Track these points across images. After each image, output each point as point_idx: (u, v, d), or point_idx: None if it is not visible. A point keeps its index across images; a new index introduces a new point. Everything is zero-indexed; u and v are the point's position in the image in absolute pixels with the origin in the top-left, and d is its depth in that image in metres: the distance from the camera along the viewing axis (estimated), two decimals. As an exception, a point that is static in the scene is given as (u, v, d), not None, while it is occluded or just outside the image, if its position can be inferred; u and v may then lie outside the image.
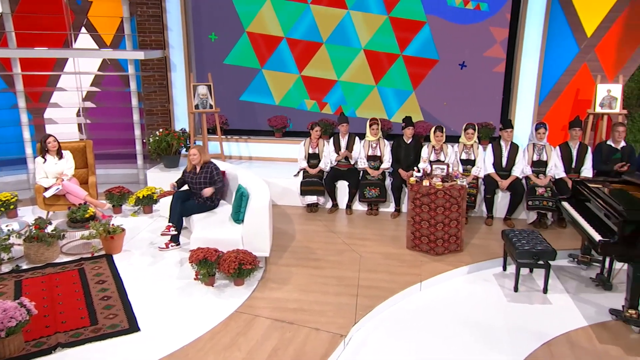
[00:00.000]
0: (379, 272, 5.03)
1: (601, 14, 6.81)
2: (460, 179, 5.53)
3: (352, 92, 6.72)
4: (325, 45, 6.51)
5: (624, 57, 6.88)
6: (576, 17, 6.86)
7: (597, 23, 6.84)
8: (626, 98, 6.87)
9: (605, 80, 6.81)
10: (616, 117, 6.72)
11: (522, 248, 4.73)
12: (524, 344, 3.95)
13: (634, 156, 6.25)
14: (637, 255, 4.03)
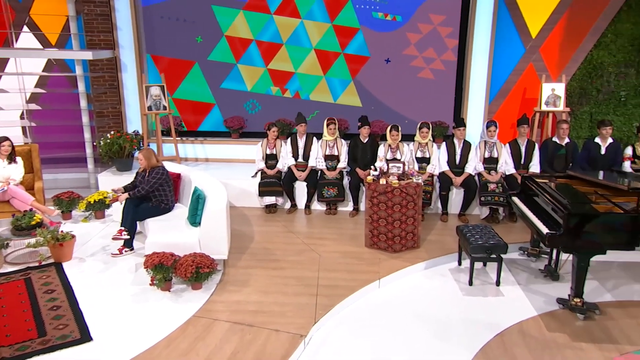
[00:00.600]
0: (338, 271, 5.05)
1: (544, 16, 7.11)
2: (415, 177, 5.64)
3: (306, 81, 7.86)
4: (285, 45, 7.72)
5: (566, 58, 7.22)
6: (522, 19, 7.14)
7: (541, 25, 7.13)
8: (569, 96, 7.21)
9: (549, 79, 7.11)
10: (560, 115, 7.03)
11: (475, 243, 4.87)
12: (479, 335, 4.06)
13: (577, 152, 6.56)
14: (581, 246, 4.22)
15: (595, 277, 5.07)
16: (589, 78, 7.21)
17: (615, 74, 7.14)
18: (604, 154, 6.34)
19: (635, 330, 4.12)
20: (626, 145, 6.50)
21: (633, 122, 7.19)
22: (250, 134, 7.92)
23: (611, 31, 7.03)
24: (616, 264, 5.39)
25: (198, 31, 7.63)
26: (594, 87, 7.23)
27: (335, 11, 7.47)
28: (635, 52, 7.05)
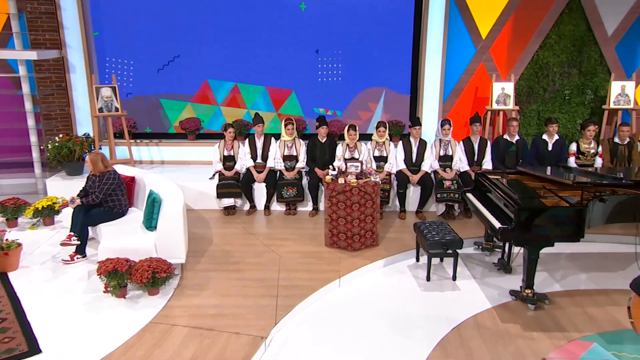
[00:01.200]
0: (298, 271, 5.05)
1: (493, 17, 7.35)
2: (373, 176, 5.70)
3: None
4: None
5: (514, 58, 7.49)
6: (472, 20, 7.35)
7: (490, 26, 7.37)
8: (518, 95, 7.48)
9: (499, 79, 7.36)
10: (510, 113, 7.29)
11: (432, 239, 4.97)
12: (437, 329, 4.15)
13: (527, 149, 6.82)
14: (531, 239, 4.39)
15: (544, 268, 5.28)
16: (536, 77, 7.51)
17: (559, 73, 7.47)
18: (551, 150, 6.62)
19: (581, 318, 4.31)
20: (571, 141, 6.81)
21: (577, 119, 7.54)
22: (207, 136, 7.80)
23: (555, 32, 7.35)
24: (564, 255, 5.64)
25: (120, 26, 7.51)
26: (541, 86, 7.53)
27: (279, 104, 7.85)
28: (577, 53, 7.40)
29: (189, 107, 7.81)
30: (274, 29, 7.49)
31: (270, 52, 7.58)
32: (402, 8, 7.36)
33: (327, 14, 7.42)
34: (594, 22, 7.26)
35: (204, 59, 7.60)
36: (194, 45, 7.55)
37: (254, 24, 7.48)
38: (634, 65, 7.43)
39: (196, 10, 7.42)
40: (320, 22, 7.46)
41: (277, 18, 7.44)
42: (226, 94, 7.77)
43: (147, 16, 7.40)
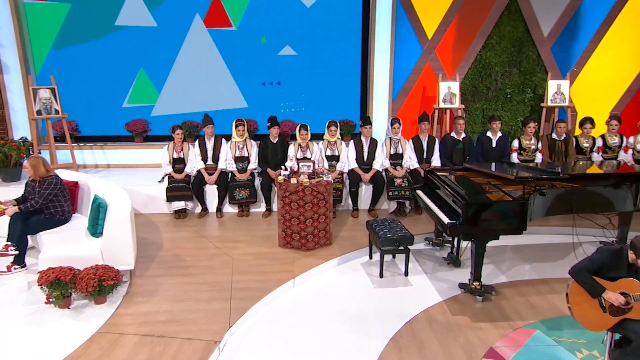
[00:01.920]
0: (252, 272, 5.00)
1: (438, 18, 7.56)
2: (326, 175, 5.72)
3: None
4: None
5: (459, 58, 7.73)
6: (418, 21, 7.53)
7: (435, 27, 7.58)
8: (463, 94, 7.73)
9: (445, 78, 7.58)
10: (456, 111, 7.52)
11: (384, 236, 5.05)
12: (390, 325, 4.22)
13: (473, 146, 7.05)
14: (478, 233, 4.54)
15: (491, 261, 5.48)
16: (480, 77, 7.79)
17: (501, 73, 7.78)
18: (494, 147, 6.88)
19: (525, 307, 4.51)
20: (513, 138, 7.10)
21: (518, 117, 7.88)
22: (155, 138, 7.59)
23: (496, 33, 7.65)
24: (509, 248, 5.87)
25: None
26: (484, 85, 7.82)
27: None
28: (516, 53, 7.73)
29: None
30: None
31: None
32: (350, 10, 7.44)
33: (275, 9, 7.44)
34: (531, 24, 7.61)
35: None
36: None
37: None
38: (568, 65, 7.85)
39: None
40: (272, 23, 7.46)
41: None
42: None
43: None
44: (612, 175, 5.33)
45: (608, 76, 7.94)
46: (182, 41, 7.42)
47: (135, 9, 7.24)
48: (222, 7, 7.32)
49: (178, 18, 7.32)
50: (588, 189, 5.06)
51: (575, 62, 7.85)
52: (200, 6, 7.32)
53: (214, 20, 7.38)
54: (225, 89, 7.67)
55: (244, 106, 7.74)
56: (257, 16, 7.42)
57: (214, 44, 7.45)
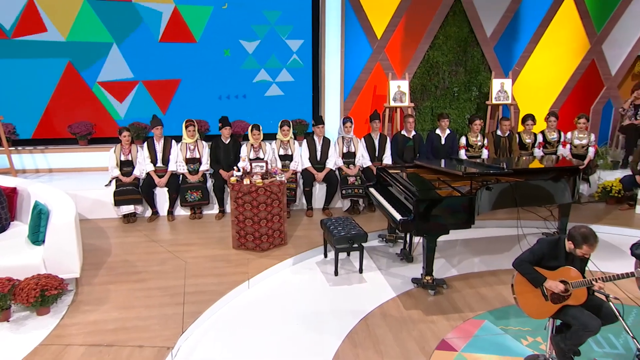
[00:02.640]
0: (205, 275, 4.91)
1: (386, 18, 7.68)
2: (279, 175, 5.70)
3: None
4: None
5: (408, 57, 7.89)
6: (367, 21, 7.62)
7: (384, 27, 7.70)
8: (412, 93, 7.90)
9: (395, 77, 7.71)
10: (406, 110, 7.67)
11: (338, 234, 5.08)
12: (346, 322, 4.26)
13: (423, 143, 7.22)
14: (429, 229, 4.65)
15: (442, 255, 5.63)
16: (428, 76, 7.98)
17: (448, 72, 8.00)
18: (443, 144, 7.07)
19: (474, 298, 4.66)
20: (461, 135, 7.33)
21: (465, 114, 8.13)
22: (101, 140, 7.30)
23: (442, 33, 7.86)
24: (459, 242, 6.06)
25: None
26: (433, 84, 8.02)
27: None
28: (462, 53, 7.97)
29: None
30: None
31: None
32: (300, 10, 7.44)
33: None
34: (475, 25, 7.87)
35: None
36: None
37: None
38: (510, 64, 8.18)
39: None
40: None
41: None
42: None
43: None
44: (552, 169, 5.61)
45: (546, 75, 8.34)
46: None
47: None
48: (183, 21, 7.21)
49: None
50: (530, 182, 5.30)
51: (516, 62, 8.19)
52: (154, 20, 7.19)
53: (173, 34, 7.27)
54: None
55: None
56: (217, 29, 7.36)
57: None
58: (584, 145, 7.01)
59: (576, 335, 3.31)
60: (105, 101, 7.37)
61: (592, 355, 3.73)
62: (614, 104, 8.52)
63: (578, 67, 8.38)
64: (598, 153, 7.32)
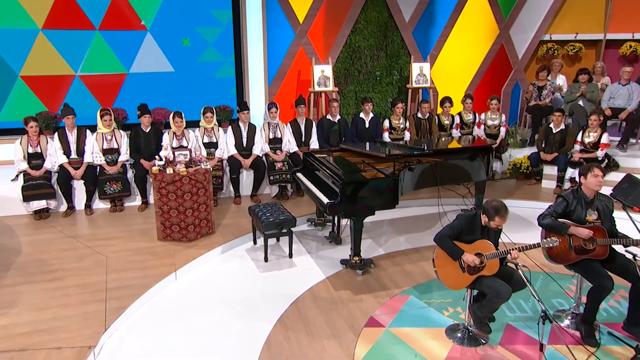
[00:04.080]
0: (129, 270, 4.72)
1: (308, 2, 7.64)
2: (204, 163, 5.57)
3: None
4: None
5: (330, 42, 7.93)
6: (289, 5, 7.54)
7: (306, 11, 7.65)
8: (336, 77, 7.97)
9: (319, 62, 7.74)
10: (331, 94, 7.73)
11: (267, 221, 5.07)
12: (277, 306, 4.28)
13: (348, 127, 7.34)
14: (355, 210, 4.75)
15: (369, 236, 5.79)
16: (351, 60, 8.08)
17: (370, 56, 8.14)
18: (368, 127, 7.23)
19: (400, 275, 4.85)
20: (384, 118, 7.52)
21: (388, 98, 8.35)
22: (3, 132, 6.71)
23: (363, 18, 7.96)
24: (385, 222, 6.25)
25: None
26: (355, 69, 8.14)
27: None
28: (382, 37, 8.14)
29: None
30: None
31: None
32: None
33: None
34: (393, 10, 8.05)
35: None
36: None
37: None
38: (428, 48, 8.48)
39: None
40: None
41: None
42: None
43: None
44: (468, 149, 5.92)
45: (461, 59, 8.75)
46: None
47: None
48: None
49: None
50: (449, 162, 5.57)
51: (433, 46, 8.50)
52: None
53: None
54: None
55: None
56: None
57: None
58: (496, 125, 7.46)
59: (490, 302, 3.55)
60: (31, 98, 6.71)
61: (505, 320, 4.03)
62: (521, 86, 9.12)
63: (489, 51, 8.86)
64: (509, 132, 7.81)
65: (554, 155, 7.03)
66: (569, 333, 3.86)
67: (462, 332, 3.83)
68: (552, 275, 4.51)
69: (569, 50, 9.02)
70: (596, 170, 3.70)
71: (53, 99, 6.78)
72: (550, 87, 7.98)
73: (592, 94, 7.61)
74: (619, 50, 8.74)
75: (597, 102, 7.68)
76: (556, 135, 7.05)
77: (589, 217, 3.76)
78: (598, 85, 7.80)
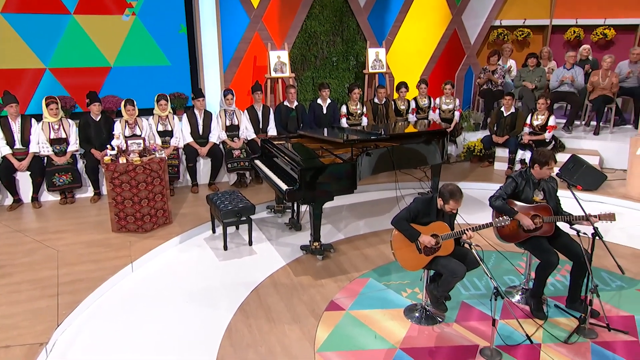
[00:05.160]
0: (82, 263, 4.57)
1: (262, -14, 7.55)
2: (158, 152, 5.44)
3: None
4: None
5: (286, 27, 7.85)
6: (243, -12, 7.42)
7: (260, -5, 7.56)
8: (293, 63, 7.91)
9: (275, 47, 7.65)
10: (288, 80, 7.68)
11: (225, 209, 5.02)
12: (238, 294, 4.26)
13: (306, 113, 7.32)
14: (314, 196, 4.76)
15: (329, 221, 5.83)
16: (307, 46, 8.03)
17: (326, 42, 8.11)
18: (325, 113, 7.23)
19: (359, 259, 4.92)
20: (341, 104, 7.54)
21: (345, 83, 8.37)
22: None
23: (318, 3, 7.89)
24: (345, 207, 6.31)
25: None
26: (312, 54, 8.10)
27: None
28: (338, 22, 8.12)
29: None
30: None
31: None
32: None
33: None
34: (348, -6, 8.05)
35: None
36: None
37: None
38: (383, 34, 8.54)
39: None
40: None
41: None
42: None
43: None
44: (424, 133, 6.03)
45: (416, 44, 8.86)
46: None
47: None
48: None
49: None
50: (406, 146, 5.66)
51: (388, 32, 8.57)
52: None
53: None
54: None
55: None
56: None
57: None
58: (451, 109, 7.63)
59: (446, 281, 3.66)
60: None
61: (460, 298, 4.17)
62: (474, 71, 9.34)
63: (442, 36, 9.01)
64: (462, 116, 8.01)
65: (505, 138, 7.27)
66: (520, 308, 4.04)
67: (420, 311, 3.94)
68: (504, 254, 4.69)
69: (518, 35, 9.31)
70: (551, 164, 3.85)
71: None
72: (501, 71, 8.22)
73: (540, 78, 7.89)
74: (563, 35, 9.09)
75: (545, 86, 7.98)
76: (507, 119, 7.28)
77: (536, 196, 3.92)
78: (545, 70, 8.09)
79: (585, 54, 8.18)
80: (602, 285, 4.37)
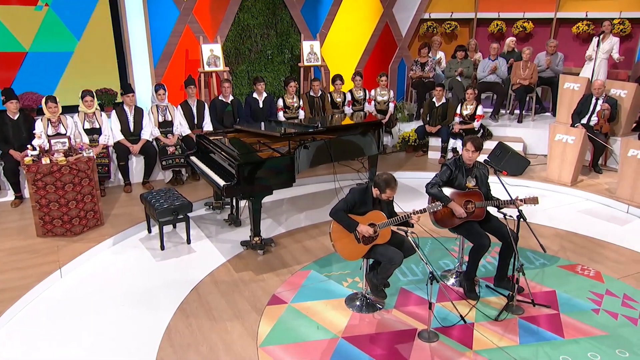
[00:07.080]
0: (4, 271, 4.29)
1: (190, -23, 7.33)
2: (86, 151, 5.17)
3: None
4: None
5: (218, 20, 7.66)
6: (170, -20, 7.16)
7: (189, -13, 7.33)
8: (227, 57, 7.75)
9: (207, 40, 7.46)
10: (222, 74, 7.52)
11: (161, 207, 4.86)
12: (177, 294, 4.16)
13: (242, 107, 7.21)
14: (253, 191, 4.72)
15: (269, 215, 5.81)
16: (241, 39, 7.89)
17: (260, 35, 8.01)
18: (262, 107, 7.16)
19: (300, 251, 4.94)
20: (278, 97, 7.50)
21: (280, 77, 8.32)
22: None
23: (250, -5, 7.81)
24: (285, 200, 6.31)
25: None
26: (246, 47, 7.97)
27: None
28: (271, 15, 8.04)
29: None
30: None
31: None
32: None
33: None
34: (280, -14, 7.99)
35: None
36: None
37: None
38: (317, 26, 8.56)
39: None
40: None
41: None
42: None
43: None
44: (359, 124, 6.14)
45: (350, 37, 8.96)
46: None
47: None
48: None
49: None
50: (343, 138, 5.73)
51: (322, 24, 8.60)
52: None
53: None
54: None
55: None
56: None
57: None
58: (386, 101, 7.79)
59: (384, 269, 3.76)
60: None
61: (398, 284, 4.30)
62: (406, 63, 9.59)
63: (375, 29, 9.17)
64: (397, 108, 8.21)
65: (437, 128, 7.54)
66: (454, 290, 4.23)
67: (361, 300, 4.02)
68: (439, 239, 4.88)
69: (446, 28, 9.66)
70: (468, 145, 4.03)
71: None
72: (431, 63, 8.49)
73: (468, 69, 8.25)
74: (488, 28, 9.53)
75: (473, 76, 8.34)
76: (438, 109, 7.55)
77: (469, 183, 4.11)
78: (472, 61, 8.46)
79: (512, 45, 8.64)
80: (527, 263, 4.66)
